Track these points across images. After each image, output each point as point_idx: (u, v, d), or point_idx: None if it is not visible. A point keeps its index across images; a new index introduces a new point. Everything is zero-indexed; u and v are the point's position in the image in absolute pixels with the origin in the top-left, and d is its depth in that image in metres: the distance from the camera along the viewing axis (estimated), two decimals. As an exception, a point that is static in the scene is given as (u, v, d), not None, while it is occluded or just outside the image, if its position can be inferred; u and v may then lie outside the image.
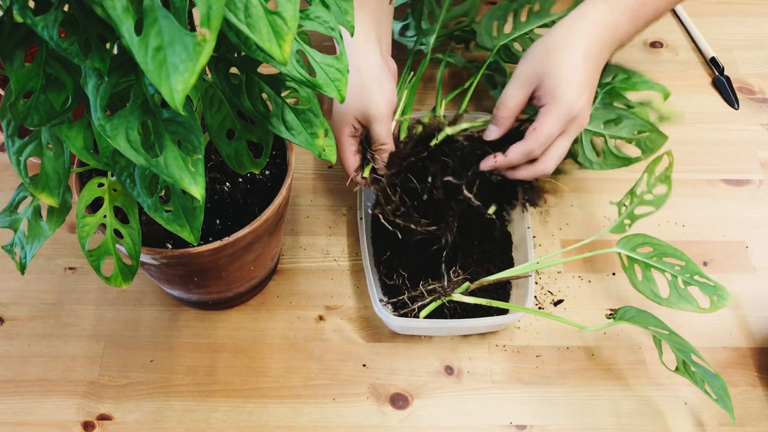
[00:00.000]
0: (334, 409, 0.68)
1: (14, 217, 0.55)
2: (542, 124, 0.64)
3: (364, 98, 0.68)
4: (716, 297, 0.64)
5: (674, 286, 0.65)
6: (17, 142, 0.49)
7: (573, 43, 0.65)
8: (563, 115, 0.64)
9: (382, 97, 0.68)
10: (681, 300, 0.65)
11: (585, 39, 0.65)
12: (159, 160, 0.41)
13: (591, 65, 0.65)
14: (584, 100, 0.64)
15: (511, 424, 0.68)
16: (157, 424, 0.67)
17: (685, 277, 0.65)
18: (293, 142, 0.51)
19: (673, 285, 0.65)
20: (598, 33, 0.65)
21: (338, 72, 0.47)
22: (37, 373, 0.70)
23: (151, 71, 0.31)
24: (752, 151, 0.88)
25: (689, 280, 0.65)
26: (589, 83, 0.65)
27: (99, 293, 0.76)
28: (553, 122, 0.64)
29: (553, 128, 0.64)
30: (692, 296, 0.65)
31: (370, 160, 0.70)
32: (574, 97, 0.63)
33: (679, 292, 0.65)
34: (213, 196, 0.65)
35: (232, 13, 0.35)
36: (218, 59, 0.48)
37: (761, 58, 0.97)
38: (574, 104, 0.64)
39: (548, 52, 0.65)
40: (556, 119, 0.64)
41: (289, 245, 0.80)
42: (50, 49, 0.42)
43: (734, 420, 0.61)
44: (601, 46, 0.65)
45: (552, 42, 0.66)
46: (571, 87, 0.64)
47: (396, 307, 0.69)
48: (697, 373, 0.62)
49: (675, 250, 0.66)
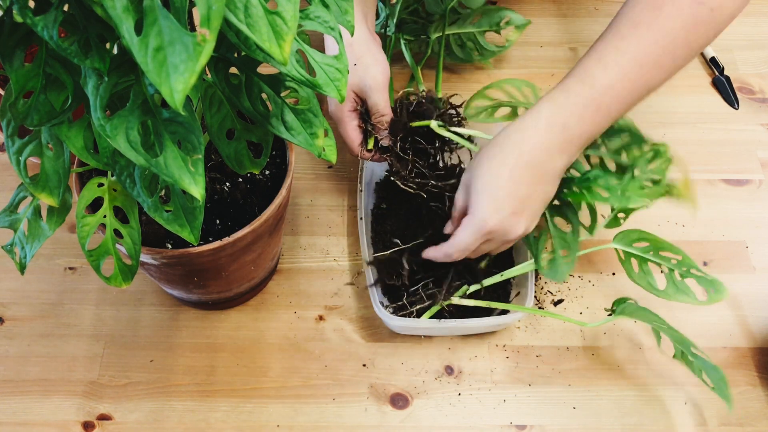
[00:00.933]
0: (334, 409, 0.68)
1: (14, 217, 0.55)
2: (458, 233, 0.63)
3: (359, 70, 0.69)
4: (713, 290, 0.64)
5: (671, 278, 0.65)
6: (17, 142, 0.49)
7: (503, 154, 0.60)
8: (476, 229, 0.61)
9: (377, 67, 0.69)
10: (678, 292, 0.65)
11: (516, 149, 0.60)
12: (159, 160, 0.41)
13: (522, 176, 0.60)
14: (503, 215, 0.60)
15: (511, 424, 0.68)
16: (157, 424, 0.67)
17: (682, 270, 0.65)
18: (293, 142, 0.51)
19: (669, 278, 0.65)
20: (538, 139, 0.59)
21: (338, 72, 0.47)
22: (37, 373, 0.70)
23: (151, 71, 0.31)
24: (752, 151, 0.88)
25: (686, 273, 0.65)
26: (516, 195, 0.60)
27: (99, 293, 0.76)
28: (468, 234, 0.62)
29: (468, 239, 0.62)
30: (689, 288, 0.65)
31: (372, 132, 0.72)
32: (488, 213, 0.60)
33: (676, 285, 0.65)
34: (213, 196, 0.65)
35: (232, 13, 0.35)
36: (218, 59, 0.48)
37: (761, 58, 0.97)
38: (488, 220, 0.60)
39: (479, 161, 0.62)
40: (471, 232, 0.62)
41: (289, 245, 0.80)
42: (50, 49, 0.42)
43: (731, 407, 0.60)
44: (543, 152, 0.60)
45: (488, 151, 0.62)
46: (487, 201, 0.60)
47: (396, 308, 0.69)
48: (695, 363, 0.62)
49: (671, 245, 0.66)
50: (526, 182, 0.60)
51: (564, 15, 1.02)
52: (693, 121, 0.91)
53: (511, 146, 0.60)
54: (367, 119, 0.72)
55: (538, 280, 0.77)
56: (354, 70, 0.69)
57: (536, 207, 0.62)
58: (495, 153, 0.61)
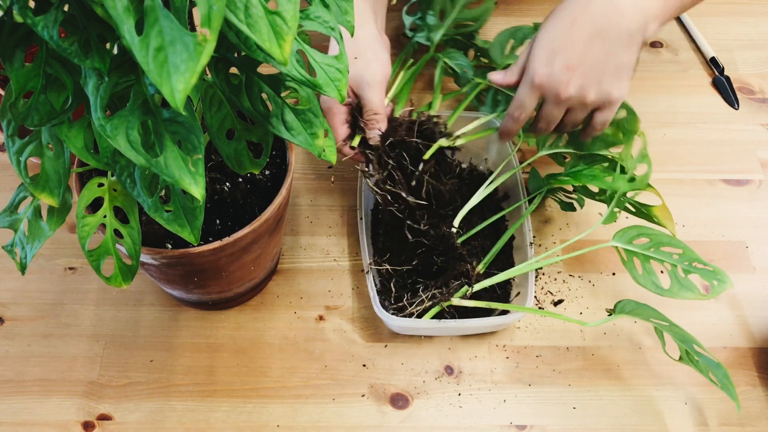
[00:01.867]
0: (334, 409, 0.68)
1: (14, 217, 0.55)
2: (517, 90, 0.63)
3: (359, 65, 0.67)
4: (716, 282, 0.64)
5: (674, 275, 0.65)
6: (17, 142, 0.49)
7: (567, 10, 0.60)
8: (527, 82, 0.62)
9: (377, 64, 0.68)
10: (683, 289, 0.65)
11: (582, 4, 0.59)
12: (159, 160, 0.41)
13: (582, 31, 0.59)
14: (553, 68, 0.60)
15: (511, 424, 0.68)
16: (157, 424, 0.67)
17: (684, 265, 0.65)
18: (293, 142, 0.51)
19: (673, 274, 0.65)
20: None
21: (338, 72, 0.47)
22: (37, 373, 0.70)
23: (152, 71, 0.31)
24: (752, 151, 0.88)
25: (689, 267, 0.65)
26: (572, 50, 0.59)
27: (99, 293, 0.76)
28: (521, 89, 0.62)
29: (521, 94, 0.63)
30: (693, 284, 0.65)
31: (361, 130, 0.70)
32: (538, 64, 0.60)
33: (680, 282, 0.65)
34: (213, 196, 0.65)
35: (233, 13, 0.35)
36: (218, 59, 0.48)
37: (761, 58, 0.97)
38: (537, 70, 0.60)
39: (546, 19, 0.62)
40: (523, 86, 0.62)
41: (289, 245, 0.80)
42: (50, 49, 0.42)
43: (740, 407, 0.61)
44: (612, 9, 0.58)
45: (557, 9, 0.62)
46: (540, 53, 0.60)
47: (396, 309, 0.69)
48: (701, 362, 0.62)
49: (671, 238, 0.66)
50: (586, 38, 0.59)
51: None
52: (693, 121, 0.91)
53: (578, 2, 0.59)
54: (359, 115, 0.70)
55: (538, 280, 0.77)
56: (354, 63, 0.67)
57: (600, 67, 0.59)
58: (561, 8, 0.61)
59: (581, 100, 0.61)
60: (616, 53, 0.59)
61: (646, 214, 0.70)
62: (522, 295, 0.71)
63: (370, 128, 0.69)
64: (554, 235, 0.80)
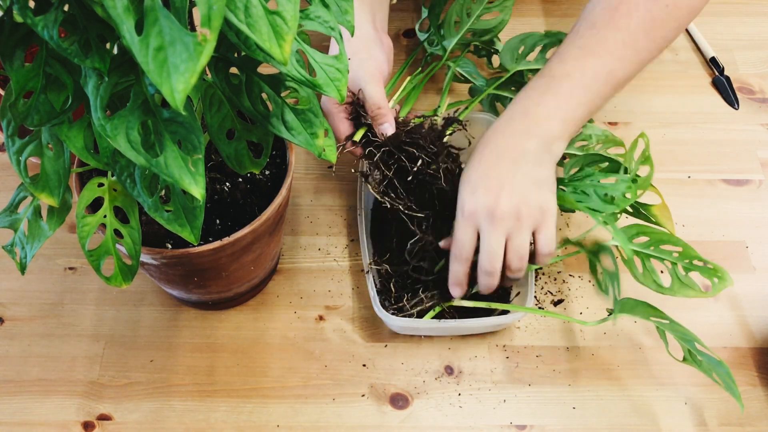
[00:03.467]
0: (334, 409, 0.68)
1: (14, 217, 0.55)
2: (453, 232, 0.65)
3: (353, 64, 0.68)
4: (716, 279, 0.64)
5: (675, 273, 0.65)
6: (17, 142, 0.49)
7: (477, 150, 0.65)
8: (459, 216, 0.64)
9: (372, 62, 0.69)
10: (683, 287, 0.65)
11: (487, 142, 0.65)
12: (159, 160, 0.41)
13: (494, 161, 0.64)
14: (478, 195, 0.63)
15: (511, 424, 0.68)
16: (157, 424, 0.67)
17: (685, 263, 0.65)
18: (293, 142, 0.51)
19: (673, 273, 0.65)
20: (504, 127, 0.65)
21: (338, 72, 0.47)
22: (37, 373, 0.70)
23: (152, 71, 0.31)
24: (752, 151, 0.88)
25: (689, 265, 0.65)
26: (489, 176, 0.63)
27: (99, 293, 0.76)
28: (457, 227, 0.64)
29: (458, 231, 0.64)
30: (694, 282, 0.65)
31: (365, 126, 0.69)
32: (465, 197, 0.64)
33: (681, 280, 0.65)
34: (213, 196, 0.65)
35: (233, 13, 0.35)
36: (218, 59, 0.48)
37: (761, 58, 0.97)
38: (465, 202, 0.63)
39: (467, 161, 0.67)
40: (458, 222, 0.64)
41: (289, 245, 0.80)
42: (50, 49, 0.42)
43: (743, 407, 0.61)
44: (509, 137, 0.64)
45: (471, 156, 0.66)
46: (465, 188, 0.64)
47: (396, 309, 0.69)
48: (704, 362, 0.62)
49: (670, 236, 0.66)
50: (499, 165, 0.64)
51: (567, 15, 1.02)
52: (693, 121, 0.91)
53: (484, 142, 0.66)
54: (363, 111, 0.69)
55: (537, 280, 0.77)
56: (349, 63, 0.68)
57: (521, 185, 0.63)
58: (479, 145, 0.66)
59: (516, 214, 0.62)
60: (531, 172, 0.63)
61: (644, 214, 0.70)
62: (522, 295, 0.71)
63: (378, 123, 0.68)
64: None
